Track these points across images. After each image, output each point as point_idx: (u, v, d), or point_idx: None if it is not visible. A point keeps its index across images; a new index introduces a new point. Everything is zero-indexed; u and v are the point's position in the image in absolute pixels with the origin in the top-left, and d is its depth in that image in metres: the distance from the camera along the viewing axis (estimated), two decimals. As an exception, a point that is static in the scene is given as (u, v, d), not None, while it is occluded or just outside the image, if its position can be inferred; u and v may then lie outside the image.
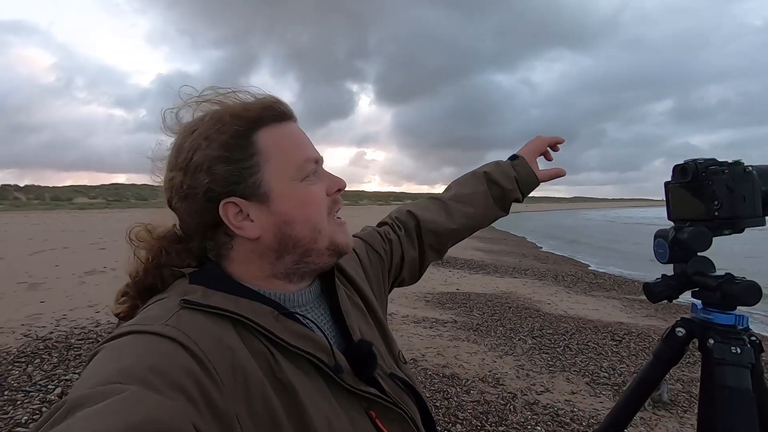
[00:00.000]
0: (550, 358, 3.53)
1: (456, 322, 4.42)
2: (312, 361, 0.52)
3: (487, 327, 4.30)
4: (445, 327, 4.21)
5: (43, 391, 2.55)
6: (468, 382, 2.94)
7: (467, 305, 5.18)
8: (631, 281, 8.02)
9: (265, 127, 0.56)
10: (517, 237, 18.90)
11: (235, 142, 0.54)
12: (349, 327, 0.60)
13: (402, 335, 3.82)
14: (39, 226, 17.41)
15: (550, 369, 3.32)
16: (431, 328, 4.15)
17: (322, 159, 0.60)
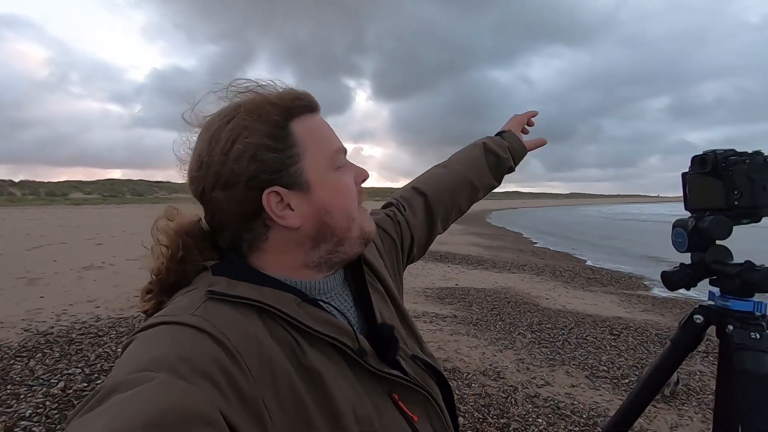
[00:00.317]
0: (549, 352, 3.56)
1: (456, 316, 4.44)
2: (335, 346, 0.53)
3: (487, 322, 4.33)
4: (445, 322, 4.23)
5: (46, 385, 2.55)
6: (469, 376, 2.96)
7: (467, 300, 5.21)
8: (628, 276, 8.07)
9: (299, 118, 0.56)
10: (513, 233, 18.96)
11: (276, 132, 0.54)
12: (375, 311, 0.62)
13: (403, 330, 3.84)
14: (35, 222, 17.31)
15: (550, 363, 3.35)
16: (431, 322, 4.17)
17: (346, 150, 0.61)
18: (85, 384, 2.57)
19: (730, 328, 0.65)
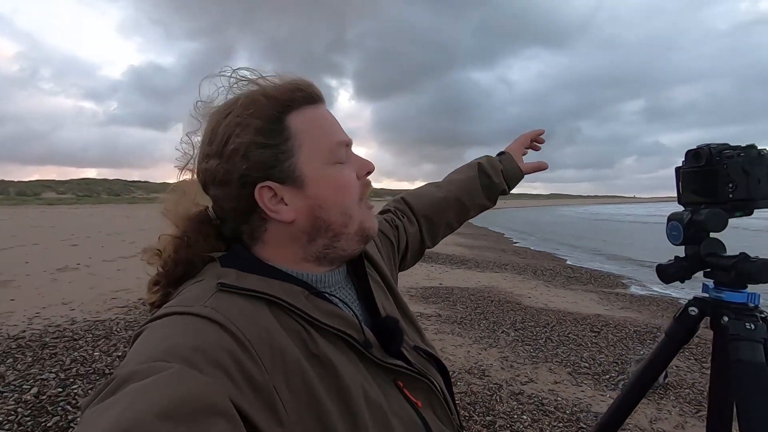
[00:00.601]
0: (532, 350, 3.61)
1: (440, 316, 4.46)
2: (343, 338, 0.54)
3: (471, 320, 4.36)
4: (429, 321, 4.24)
5: (17, 391, 2.45)
6: (454, 374, 2.97)
7: (451, 299, 5.23)
8: (607, 275, 8.25)
9: (297, 110, 0.56)
10: (495, 233, 19.18)
11: (270, 126, 0.54)
12: (378, 304, 0.63)
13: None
14: (6, 222, 16.68)
15: (533, 360, 3.39)
16: (416, 322, 4.18)
17: (351, 142, 0.61)
18: (59, 389, 2.48)
19: (725, 319, 0.66)
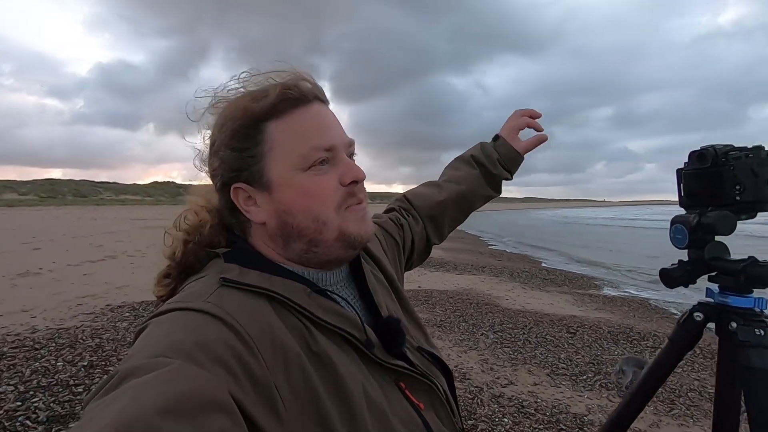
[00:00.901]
0: (511, 352, 3.63)
1: (420, 318, 4.44)
2: (344, 336, 0.54)
3: (451, 323, 4.36)
4: (409, 324, 4.22)
5: (-28, 405, 2.28)
6: (435, 378, 2.96)
7: (430, 302, 5.23)
8: (580, 277, 8.45)
9: (278, 116, 0.56)
10: (472, 235, 19.39)
11: (244, 131, 0.56)
12: (377, 304, 0.62)
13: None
14: (-40, 225, 15.76)
15: (513, 362, 3.41)
16: (396, 325, 4.15)
17: (345, 144, 0.59)
18: (18, 403, 2.32)
19: (734, 325, 0.65)
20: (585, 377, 3.18)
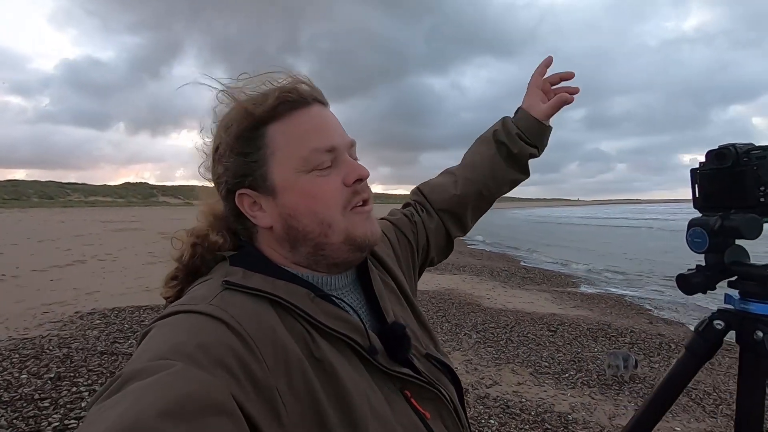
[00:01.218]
0: (494, 351, 3.65)
1: (402, 320, 4.42)
2: (347, 343, 0.53)
3: (434, 323, 4.35)
4: (392, 326, 4.19)
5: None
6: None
7: (412, 303, 5.22)
8: (558, 275, 8.61)
9: (278, 119, 0.56)
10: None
11: (245, 136, 0.56)
12: (383, 309, 0.61)
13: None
14: None
15: (496, 362, 3.42)
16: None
17: (346, 145, 0.58)
18: (-22, 420, 2.17)
19: (759, 334, 0.62)
20: (567, 375, 3.21)
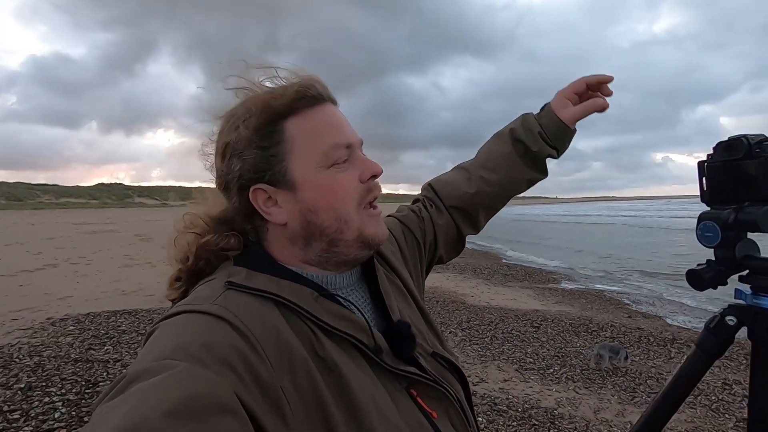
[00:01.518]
0: (480, 349, 3.66)
1: (387, 319, 4.40)
2: (352, 342, 0.53)
3: (419, 322, 4.34)
4: (377, 325, 4.16)
5: None
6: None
7: (396, 302, 5.21)
8: (540, 271, 8.74)
9: (296, 114, 0.56)
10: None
11: (265, 130, 0.55)
12: (388, 307, 0.61)
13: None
14: None
15: (482, 359, 3.43)
16: (364, 327, 4.08)
17: (359, 142, 0.59)
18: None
19: None
20: (552, 370, 3.24)
